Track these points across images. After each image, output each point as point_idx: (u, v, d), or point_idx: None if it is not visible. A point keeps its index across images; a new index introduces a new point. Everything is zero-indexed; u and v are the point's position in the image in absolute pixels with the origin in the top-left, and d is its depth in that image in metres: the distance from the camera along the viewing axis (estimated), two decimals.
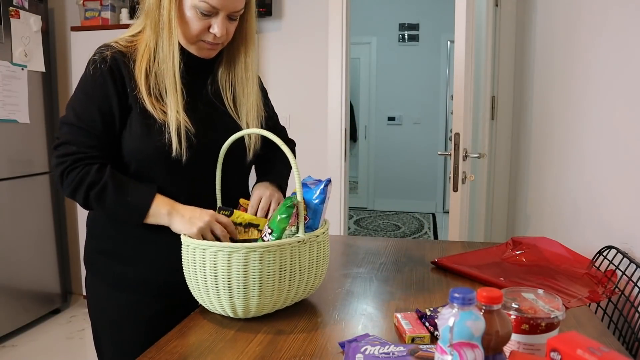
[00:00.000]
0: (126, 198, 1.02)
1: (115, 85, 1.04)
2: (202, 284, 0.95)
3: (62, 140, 1.04)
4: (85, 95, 1.05)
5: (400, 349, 0.79)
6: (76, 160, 1.02)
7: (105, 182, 1.01)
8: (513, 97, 2.66)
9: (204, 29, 1.05)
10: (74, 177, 1.01)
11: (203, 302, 1.00)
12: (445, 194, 6.14)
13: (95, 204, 1.03)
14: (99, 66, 1.04)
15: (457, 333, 0.60)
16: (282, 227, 0.97)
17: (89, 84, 1.04)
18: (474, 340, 0.60)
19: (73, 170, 1.01)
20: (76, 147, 1.02)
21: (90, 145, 1.03)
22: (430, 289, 1.15)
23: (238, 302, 0.94)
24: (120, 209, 1.03)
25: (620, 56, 1.33)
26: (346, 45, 2.86)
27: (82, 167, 1.02)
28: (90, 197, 1.02)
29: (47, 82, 3.00)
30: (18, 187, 2.80)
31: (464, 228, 2.08)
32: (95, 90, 1.04)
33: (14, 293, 2.76)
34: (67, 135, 1.04)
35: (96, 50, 1.07)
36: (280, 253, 0.94)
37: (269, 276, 0.93)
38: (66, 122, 1.04)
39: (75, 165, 1.02)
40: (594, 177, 1.49)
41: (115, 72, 1.04)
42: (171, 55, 1.04)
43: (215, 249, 0.92)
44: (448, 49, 5.93)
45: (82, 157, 1.02)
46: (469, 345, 0.60)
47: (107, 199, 1.02)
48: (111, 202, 1.02)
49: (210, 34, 1.06)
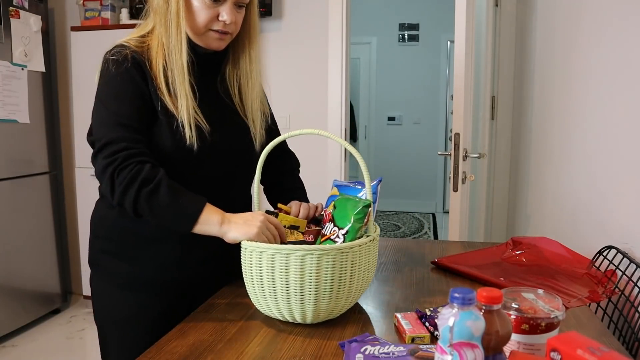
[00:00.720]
0: (178, 201, 0.97)
1: (141, 83, 1.03)
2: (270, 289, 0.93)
3: (106, 140, 0.98)
4: (115, 92, 1.02)
5: (400, 349, 0.79)
6: (127, 157, 0.97)
7: (158, 181, 0.96)
8: (513, 97, 2.66)
9: (212, 18, 1.05)
10: (126, 175, 0.95)
11: (259, 305, 0.98)
12: (445, 194, 6.14)
13: (145, 204, 0.96)
14: (122, 64, 1.02)
15: (457, 333, 0.60)
16: (357, 227, 0.96)
17: (116, 82, 1.02)
18: (474, 340, 0.60)
19: (125, 169, 0.96)
20: (125, 143, 0.98)
21: (138, 140, 1.00)
22: (430, 289, 1.15)
23: (308, 307, 0.92)
24: (170, 212, 0.97)
25: (621, 56, 1.33)
26: (346, 45, 2.86)
27: (135, 164, 0.96)
28: (142, 195, 0.95)
29: (47, 82, 3.00)
30: (18, 187, 2.80)
31: (464, 228, 2.08)
32: (125, 86, 1.02)
33: (14, 293, 2.76)
34: (110, 134, 0.98)
35: (113, 50, 1.06)
36: (352, 254, 0.92)
37: (341, 277, 0.92)
38: (103, 122, 1.00)
39: (127, 162, 0.96)
40: (593, 177, 1.49)
41: (139, 70, 1.03)
42: (179, 46, 1.04)
43: (287, 251, 0.90)
44: (448, 49, 5.93)
45: (133, 154, 0.97)
46: (469, 345, 0.60)
47: (159, 200, 0.96)
48: (163, 203, 0.96)
49: (219, 22, 1.05)
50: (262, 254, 0.92)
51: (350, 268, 0.93)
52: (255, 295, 0.97)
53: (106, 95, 1.03)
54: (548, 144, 2.01)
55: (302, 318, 0.94)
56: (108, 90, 1.03)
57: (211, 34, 1.07)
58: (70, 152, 3.31)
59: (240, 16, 1.09)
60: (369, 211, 0.97)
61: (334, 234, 0.97)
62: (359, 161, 0.97)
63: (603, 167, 1.42)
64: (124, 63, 1.02)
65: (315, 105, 2.94)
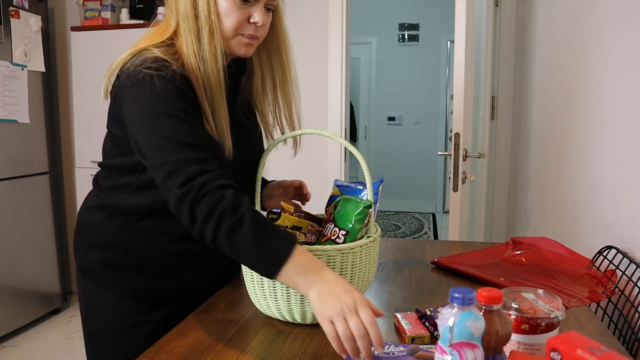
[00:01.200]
0: (263, 241, 0.82)
1: (195, 101, 0.95)
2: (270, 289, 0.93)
3: (172, 166, 0.86)
4: (168, 110, 0.90)
5: (400, 349, 0.79)
6: (204, 183, 0.84)
7: (242, 214, 0.82)
8: (513, 97, 2.66)
9: (243, 20, 0.98)
10: (206, 204, 0.83)
11: (259, 305, 0.98)
12: (445, 194, 6.14)
13: (224, 239, 0.83)
14: (172, 81, 0.92)
15: (457, 333, 0.60)
16: (358, 227, 0.96)
17: (168, 98, 0.91)
18: (474, 340, 0.60)
19: (204, 197, 0.83)
20: (196, 166, 0.85)
21: (206, 159, 0.88)
22: (430, 289, 1.15)
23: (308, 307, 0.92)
24: (252, 253, 0.82)
25: (621, 56, 1.33)
26: (346, 45, 2.86)
27: (215, 190, 0.84)
28: (222, 229, 0.82)
29: (47, 82, 3.00)
30: (18, 187, 2.80)
31: (464, 228, 2.08)
32: (179, 103, 0.92)
33: (14, 293, 2.76)
34: (174, 157, 0.86)
35: (158, 65, 0.93)
36: (353, 255, 0.93)
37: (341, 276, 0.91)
38: (161, 143, 0.88)
39: (205, 189, 0.83)
40: (594, 176, 1.49)
41: (190, 88, 0.95)
42: (213, 52, 0.96)
43: None
44: (448, 49, 5.93)
45: (209, 179, 0.84)
46: (469, 345, 0.60)
47: (241, 237, 0.82)
48: (245, 242, 0.81)
49: (250, 25, 0.99)
50: None
51: (351, 269, 0.93)
52: (256, 295, 0.97)
53: (159, 112, 0.90)
54: (548, 143, 2.01)
55: (302, 318, 0.94)
56: (160, 108, 0.91)
57: (240, 39, 1.00)
58: (70, 152, 3.31)
59: (269, 20, 1.04)
60: (370, 212, 0.97)
61: (335, 234, 0.97)
62: (360, 161, 0.97)
63: (603, 167, 1.42)
64: (174, 80, 0.92)
65: (315, 105, 2.94)
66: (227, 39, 1.00)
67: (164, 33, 1.01)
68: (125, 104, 0.95)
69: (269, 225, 0.85)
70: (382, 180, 1.08)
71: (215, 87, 0.97)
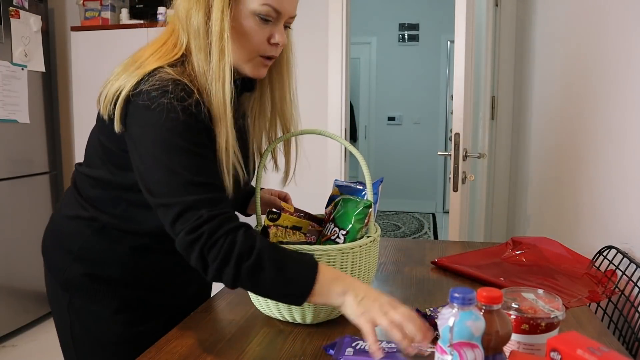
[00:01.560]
0: (286, 275, 0.81)
1: (211, 132, 0.88)
2: None
3: (181, 208, 0.81)
4: (183, 144, 0.83)
5: (390, 345, 0.79)
6: (213, 229, 0.80)
7: (258, 253, 0.80)
8: (513, 97, 2.66)
9: (264, 40, 0.91)
10: (218, 251, 0.80)
11: (259, 305, 0.98)
12: (445, 194, 6.14)
13: (247, 281, 0.81)
14: (191, 109, 0.84)
15: (457, 333, 0.60)
16: (358, 227, 0.96)
17: (186, 131, 0.83)
18: (474, 340, 0.60)
19: (215, 244, 0.80)
20: (206, 211, 0.81)
21: (218, 200, 0.84)
22: (430, 289, 1.15)
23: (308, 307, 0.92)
24: (278, 289, 0.82)
25: (621, 55, 1.33)
26: (346, 45, 2.86)
27: (225, 236, 0.80)
28: (242, 273, 0.80)
29: (47, 82, 3.00)
30: (18, 187, 2.80)
31: (464, 228, 2.08)
32: (196, 136, 0.85)
33: (14, 293, 2.76)
34: (184, 199, 0.81)
35: (178, 90, 0.84)
36: (352, 255, 0.93)
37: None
38: (174, 184, 0.82)
39: (215, 236, 0.80)
40: (594, 177, 1.49)
41: (207, 119, 0.87)
42: (222, 74, 0.87)
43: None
44: (448, 49, 5.93)
45: (219, 224, 0.81)
46: (469, 345, 0.60)
47: (264, 276, 0.81)
48: (268, 280, 0.81)
49: (270, 46, 0.92)
50: None
51: (351, 269, 0.93)
52: (256, 295, 0.97)
53: (174, 145, 0.83)
54: (548, 143, 2.01)
55: (302, 318, 0.94)
56: (176, 140, 0.83)
57: (258, 60, 0.93)
58: (70, 152, 3.31)
59: (287, 38, 0.98)
60: (370, 212, 0.97)
61: (335, 234, 0.97)
62: (360, 161, 0.97)
63: (603, 167, 1.42)
64: (195, 109, 0.84)
65: (315, 105, 2.94)
66: (244, 60, 0.93)
67: (174, 50, 0.91)
68: (134, 126, 0.86)
69: (288, 257, 0.83)
70: (382, 180, 1.07)
71: (221, 112, 0.88)
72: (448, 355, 0.60)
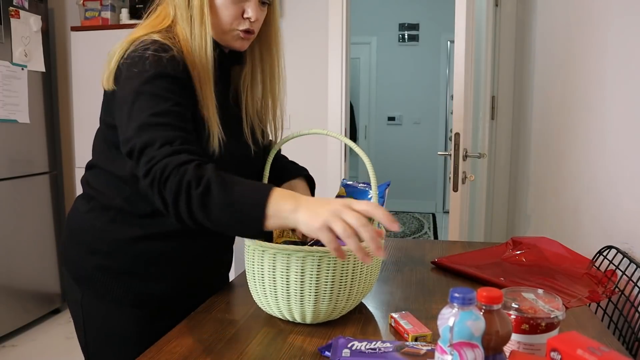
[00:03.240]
0: (236, 198, 0.77)
1: (192, 92, 0.95)
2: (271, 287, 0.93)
3: (141, 145, 0.84)
4: (158, 90, 0.90)
5: (386, 345, 0.79)
6: (165, 166, 0.81)
7: (208, 179, 0.78)
8: (513, 97, 2.66)
9: (237, 16, 0.99)
10: (171, 184, 0.80)
11: (260, 302, 0.98)
12: (445, 194, 6.14)
13: (199, 211, 0.79)
14: (167, 61, 0.92)
15: (457, 333, 0.60)
16: None
17: (158, 79, 0.90)
18: (474, 340, 0.60)
19: (168, 180, 0.80)
20: (161, 143, 0.84)
21: (175, 138, 0.85)
22: (430, 289, 1.15)
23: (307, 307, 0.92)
24: (229, 213, 0.77)
25: (621, 56, 1.33)
26: (346, 45, 2.86)
27: (177, 168, 0.80)
28: (193, 202, 0.78)
29: (47, 82, 3.00)
30: (18, 187, 2.80)
31: (464, 228, 2.08)
32: (170, 85, 0.91)
33: (14, 293, 2.76)
34: (143, 137, 0.84)
35: (155, 47, 0.92)
36: (354, 257, 0.92)
37: (341, 279, 0.92)
38: (132, 126, 0.86)
39: (166, 172, 0.81)
40: (594, 176, 1.49)
41: (183, 74, 0.94)
42: (204, 44, 0.96)
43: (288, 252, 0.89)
44: (448, 49, 5.93)
45: (170, 161, 0.82)
46: (469, 345, 0.60)
47: (213, 201, 0.77)
48: (218, 204, 0.77)
49: (244, 20, 0.99)
50: (264, 252, 0.92)
51: (352, 271, 0.93)
52: (257, 292, 0.97)
53: (145, 92, 0.89)
54: (548, 143, 2.01)
55: (302, 318, 0.94)
56: (147, 87, 0.89)
57: (235, 33, 1.01)
58: (70, 152, 3.31)
59: (264, 14, 1.04)
60: None
61: None
62: (367, 165, 0.95)
63: (603, 166, 1.42)
64: (169, 61, 0.92)
65: (315, 105, 2.94)
66: (222, 32, 1.00)
67: (162, 21, 1.01)
68: (118, 85, 0.94)
69: (238, 182, 0.80)
70: (388, 183, 1.07)
71: (203, 76, 0.96)
72: (448, 355, 0.60)
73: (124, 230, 1.02)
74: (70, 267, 1.07)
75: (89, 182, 1.08)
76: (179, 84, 0.92)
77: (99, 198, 1.04)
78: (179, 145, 0.84)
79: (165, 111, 0.87)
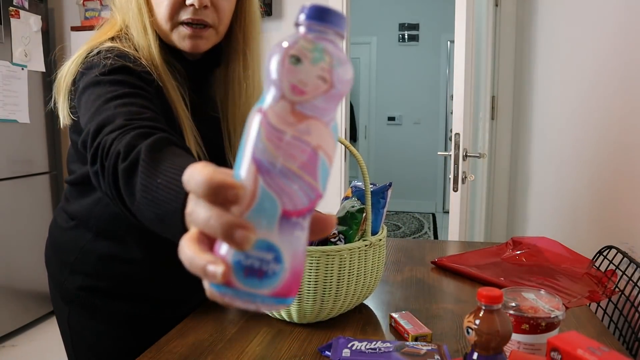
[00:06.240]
0: (156, 179, 0.52)
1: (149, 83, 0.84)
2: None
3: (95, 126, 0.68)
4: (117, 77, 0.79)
5: (386, 345, 0.79)
6: (113, 140, 0.62)
7: (138, 151, 0.57)
8: (513, 97, 2.66)
9: (176, 4, 0.85)
10: (108, 157, 0.61)
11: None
12: (445, 194, 6.14)
13: (125, 190, 0.57)
14: (123, 58, 0.82)
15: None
16: (349, 232, 0.97)
17: (117, 73, 0.79)
18: None
19: (110, 150, 0.61)
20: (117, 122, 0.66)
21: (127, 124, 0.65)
22: (430, 289, 1.15)
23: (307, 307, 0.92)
24: (146, 201, 0.53)
25: (620, 56, 1.33)
26: (346, 45, 2.86)
27: (121, 136, 0.62)
28: (120, 178, 0.57)
29: (47, 82, 3.00)
30: (18, 187, 2.80)
31: (463, 228, 2.08)
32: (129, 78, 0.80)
33: (14, 293, 2.76)
34: (103, 115, 0.69)
35: (114, 51, 0.83)
36: (350, 257, 0.93)
37: (339, 279, 0.92)
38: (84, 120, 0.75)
39: (114, 141, 0.62)
40: (594, 176, 1.49)
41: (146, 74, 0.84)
42: (149, 52, 0.85)
43: None
44: (448, 49, 5.94)
45: (118, 134, 0.63)
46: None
47: (135, 180, 0.55)
48: (139, 186, 0.54)
49: (186, 8, 0.84)
50: None
51: (348, 271, 0.93)
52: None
53: (101, 81, 0.77)
54: (548, 143, 2.01)
55: (301, 318, 0.94)
56: (109, 79, 0.77)
57: (181, 30, 0.86)
58: None
59: (224, 2, 0.88)
60: (363, 216, 0.97)
61: (335, 236, 0.98)
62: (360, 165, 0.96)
63: (603, 166, 1.42)
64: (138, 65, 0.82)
65: None
66: (167, 32, 0.87)
67: (113, 27, 0.90)
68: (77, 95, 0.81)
69: (172, 154, 0.56)
70: (390, 184, 1.07)
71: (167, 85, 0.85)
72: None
73: (108, 250, 0.96)
74: (56, 281, 1.03)
75: (68, 199, 1.02)
76: (145, 81, 0.81)
77: (80, 217, 0.99)
78: (143, 121, 0.66)
79: (128, 93, 0.74)
